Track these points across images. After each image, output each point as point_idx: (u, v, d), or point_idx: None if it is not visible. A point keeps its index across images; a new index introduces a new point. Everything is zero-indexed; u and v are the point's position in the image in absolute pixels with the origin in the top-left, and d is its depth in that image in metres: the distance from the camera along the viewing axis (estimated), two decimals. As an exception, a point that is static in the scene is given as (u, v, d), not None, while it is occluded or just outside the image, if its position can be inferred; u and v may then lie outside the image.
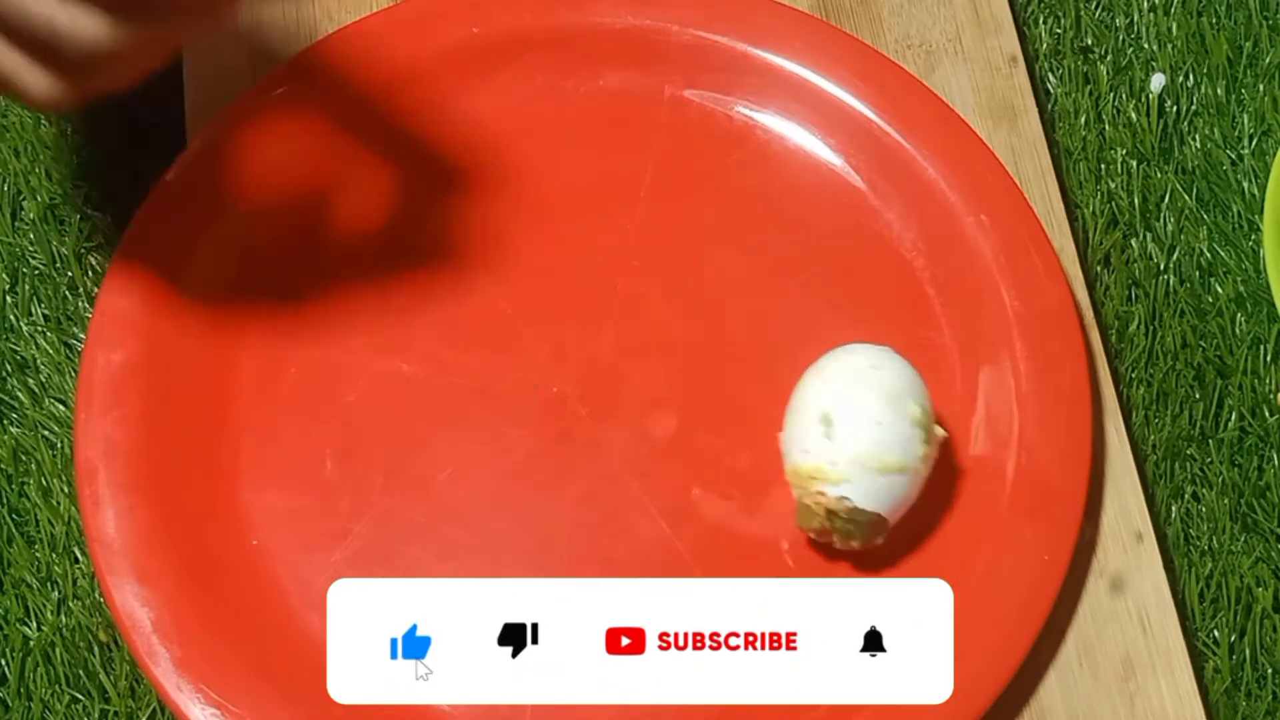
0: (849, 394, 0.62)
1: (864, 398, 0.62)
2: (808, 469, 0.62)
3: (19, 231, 0.72)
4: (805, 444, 0.62)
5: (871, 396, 0.62)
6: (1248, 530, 0.69)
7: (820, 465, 0.61)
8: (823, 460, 0.61)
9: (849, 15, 0.76)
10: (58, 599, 0.67)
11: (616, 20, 0.73)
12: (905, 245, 0.71)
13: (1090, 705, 0.65)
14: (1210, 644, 0.67)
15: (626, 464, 0.67)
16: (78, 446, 0.65)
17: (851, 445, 0.61)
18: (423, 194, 0.71)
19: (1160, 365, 0.71)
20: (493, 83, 0.73)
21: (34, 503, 0.68)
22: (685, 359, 0.68)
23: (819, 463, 0.61)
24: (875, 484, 0.62)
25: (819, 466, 0.61)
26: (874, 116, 0.72)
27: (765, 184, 0.72)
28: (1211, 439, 0.70)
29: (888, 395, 0.62)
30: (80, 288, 0.71)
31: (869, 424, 0.62)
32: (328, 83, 0.71)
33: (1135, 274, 0.73)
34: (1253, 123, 0.76)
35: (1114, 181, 0.75)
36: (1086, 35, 0.77)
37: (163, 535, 0.64)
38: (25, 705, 0.65)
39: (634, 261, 0.71)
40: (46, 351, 0.70)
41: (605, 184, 0.72)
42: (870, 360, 0.63)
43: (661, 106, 0.73)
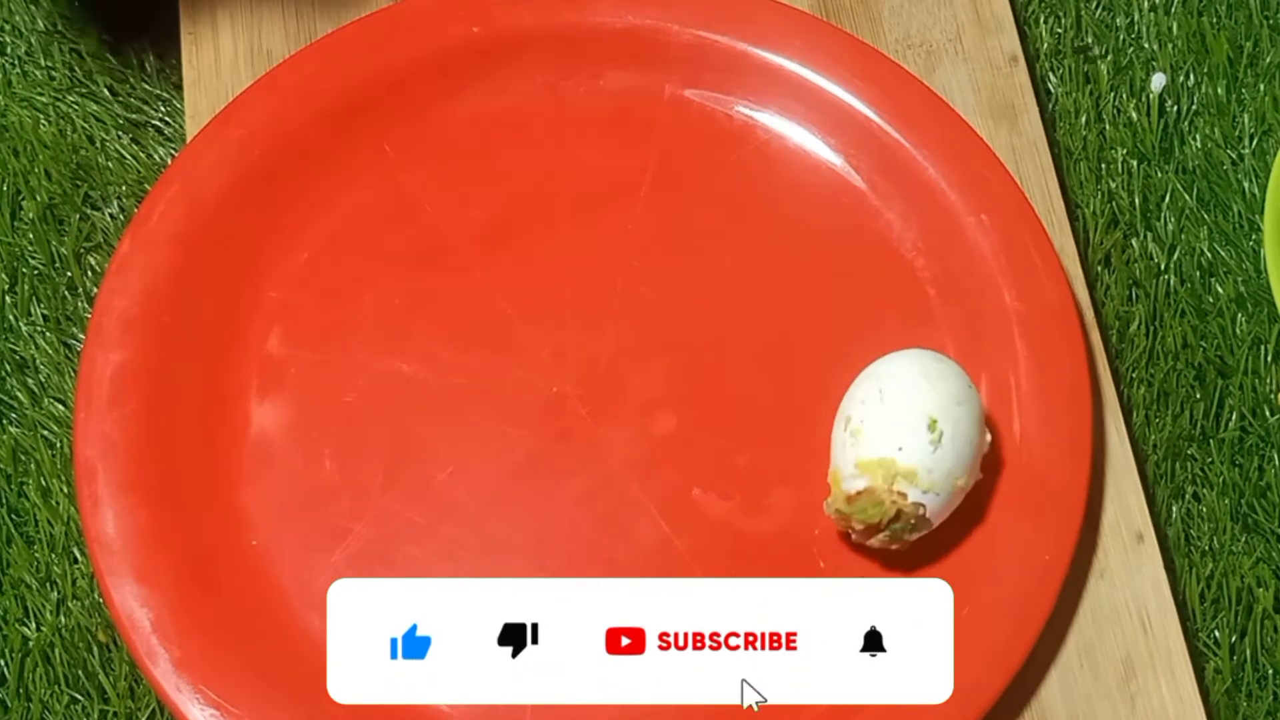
0: (953, 410, 0.63)
1: (966, 416, 0.63)
2: (903, 468, 0.62)
3: (18, 231, 0.72)
4: (904, 442, 0.62)
5: (971, 417, 0.63)
6: (1248, 530, 0.69)
7: (915, 469, 0.62)
8: (919, 464, 0.62)
9: (849, 15, 0.76)
10: (57, 599, 0.67)
11: (616, 20, 0.73)
12: (905, 245, 0.71)
13: (1090, 705, 0.64)
14: (1211, 644, 0.67)
15: (626, 464, 0.67)
16: (77, 446, 0.65)
17: (951, 460, 0.62)
18: (423, 194, 0.71)
19: (1161, 365, 0.71)
20: (493, 83, 0.73)
21: (33, 503, 0.68)
22: (685, 359, 0.68)
23: (915, 466, 0.62)
24: (949, 499, 0.63)
25: (914, 470, 0.62)
26: (874, 116, 0.72)
27: (765, 184, 0.72)
28: (1212, 439, 0.70)
29: (979, 419, 0.64)
30: (80, 288, 0.71)
31: (966, 443, 0.63)
32: (328, 83, 0.71)
33: (1136, 274, 0.73)
34: (1253, 122, 0.76)
35: (1114, 181, 0.75)
36: (1087, 35, 0.77)
37: (163, 535, 0.64)
38: (25, 705, 0.65)
39: (634, 261, 0.70)
40: (46, 351, 0.70)
41: (605, 184, 0.72)
42: (967, 380, 0.64)
43: (661, 106, 0.73)
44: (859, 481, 0.62)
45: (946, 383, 0.63)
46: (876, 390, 0.63)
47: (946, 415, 0.63)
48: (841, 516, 0.63)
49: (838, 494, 0.63)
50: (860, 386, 0.64)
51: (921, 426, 0.62)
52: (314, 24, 0.75)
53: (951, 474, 0.63)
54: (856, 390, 0.64)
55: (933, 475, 0.62)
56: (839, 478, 0.63)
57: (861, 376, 0.65)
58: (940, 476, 0.62)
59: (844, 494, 0.63)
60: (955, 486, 0.63)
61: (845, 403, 0.64)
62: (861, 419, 0.63)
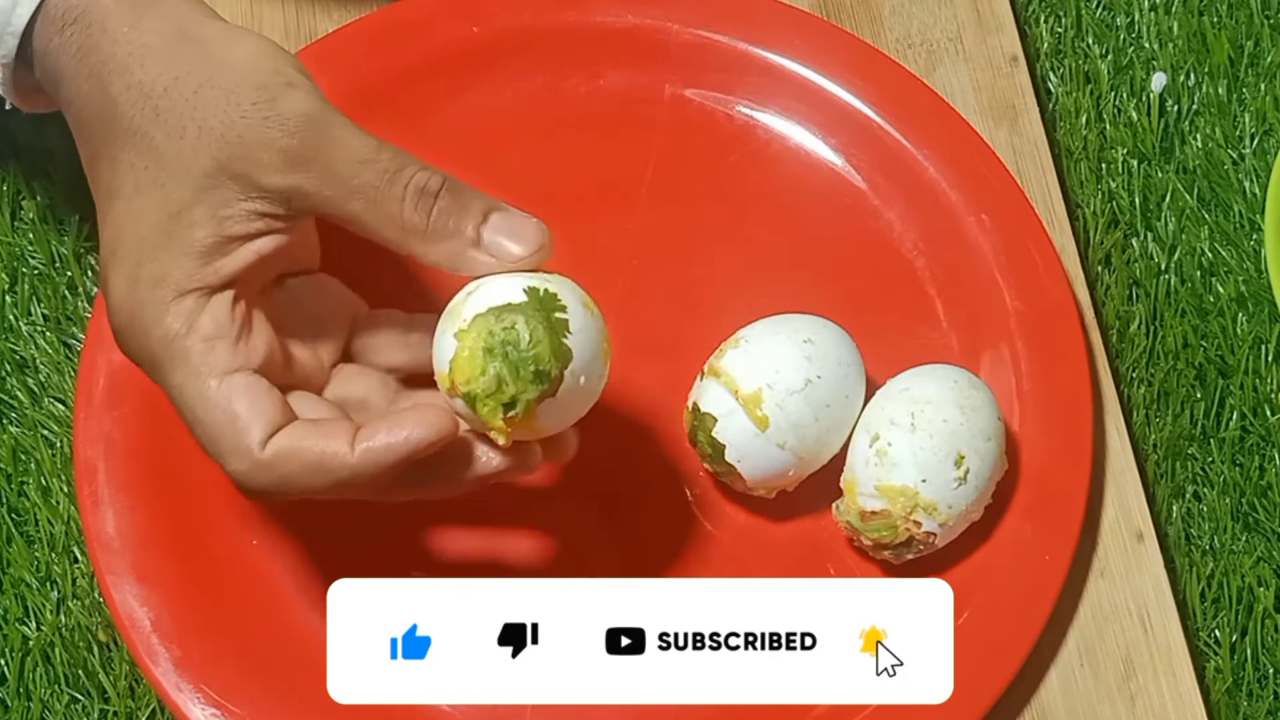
0: (981, 446, 0.63)
1: (992, 452, 0.63)
2: (924, 500, 0.62)
3: (19, 231, 0.72)
4: (929, 475, 0.62)
5: (997, 452, 0.63)
6: (1249, 530, 0.69)
7: (936, 503, 0.62)
8: (940, 499, 0.62)
9: (849, 14, 0.76)
10: (57, 599, 0.67)
11: (616, 20, 0.73)
12: (906, 245, 0.71)
13: (1091, 705, 0.64)
14: (1211, 644, 0.67)
15: (627, 464, 0.67)
16: (77, 446, 0.65)
17: (972, 496, 0.63)
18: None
19: (1161, 365, 0.71)
20: (493, 83, 0.73)
21: (33, 502, 0.68)
22: (685, 359, 0.68)
23: (936, 500, 0.62)
24: (960, 527, 0.63)
25: (934, 503, 0.62)
26: (875, 116, 0.72)
27: (765, 184, 0.72)
28: (1213, 438, 0.70)
29: (1003, 452, 0.64)
30: (80, 288, 0.71)
31: (987, 480, 0.63)
32: (328, 82, 0.71)
33: (1136, 274, 0.73)
34: (1254, 122, 0.75)
35: (1115, 181, 0.75)
36: (1087, 34, 0.77)
37: (163, 535, 0.65)
38: (25, 705, 0.65)
39: (634, 261, 0.70)
40: (46, 351, 0.70)
41: (605, 184, 0.72)
42: (998, 410, 0.64)
43: (661, 106, 0.73)
44: (876, 502, 0.62)
45: (979, 416, 0.63)
46: (909, 414, 0.63)
47: (975, 452, 0.62)
48: (851, 529, 0.63)
49: (851, 505, 0.63)
50: (891, 402, 0.64)
51: (949, 463, 0.62)
52: (314, 24, 0.75)
53: (969, 509, 0.63)
54: (887, 405, 0.64)
55: (952, 510, 0.62)
56: (855, 489, 0.63)
57: (894, 390, 0.64)
58: (959, 511, 0.62)
59: (859, 508, 0.63)
60: (970, 519, 0.63)
61: (873, 413, 0.64)
62: (889, 441, 0.63)
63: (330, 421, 0.55)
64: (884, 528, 0.62)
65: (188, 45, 0.55)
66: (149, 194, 0.55)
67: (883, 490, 0.62)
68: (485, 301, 0.55)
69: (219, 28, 0.57)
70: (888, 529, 0.62)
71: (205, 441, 0.55)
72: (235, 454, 0.54)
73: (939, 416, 0.63)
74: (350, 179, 0.54)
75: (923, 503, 0.62)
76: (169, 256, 0.54)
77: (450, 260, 0.56)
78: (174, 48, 0.55)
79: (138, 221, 0.55)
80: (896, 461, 0.62)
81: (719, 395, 0.63)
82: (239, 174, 0.54)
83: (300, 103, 0.55)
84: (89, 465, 0.65)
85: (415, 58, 0.72)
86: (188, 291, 0.54)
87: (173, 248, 0.54)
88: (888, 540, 0.62)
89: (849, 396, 0.64)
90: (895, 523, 0.62)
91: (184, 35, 0.56)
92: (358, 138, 0.55)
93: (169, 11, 0.56)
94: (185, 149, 0.54)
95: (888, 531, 0.62)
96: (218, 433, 0.54)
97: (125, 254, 0.55)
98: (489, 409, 0.54)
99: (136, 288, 0.55)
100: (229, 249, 0.55)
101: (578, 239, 0.70)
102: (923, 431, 0.62)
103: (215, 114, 0.54)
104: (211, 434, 0.54)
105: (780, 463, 0.63)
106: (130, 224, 0.55)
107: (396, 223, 0.55)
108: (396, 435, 0.54)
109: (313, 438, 0.54)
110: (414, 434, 0.54)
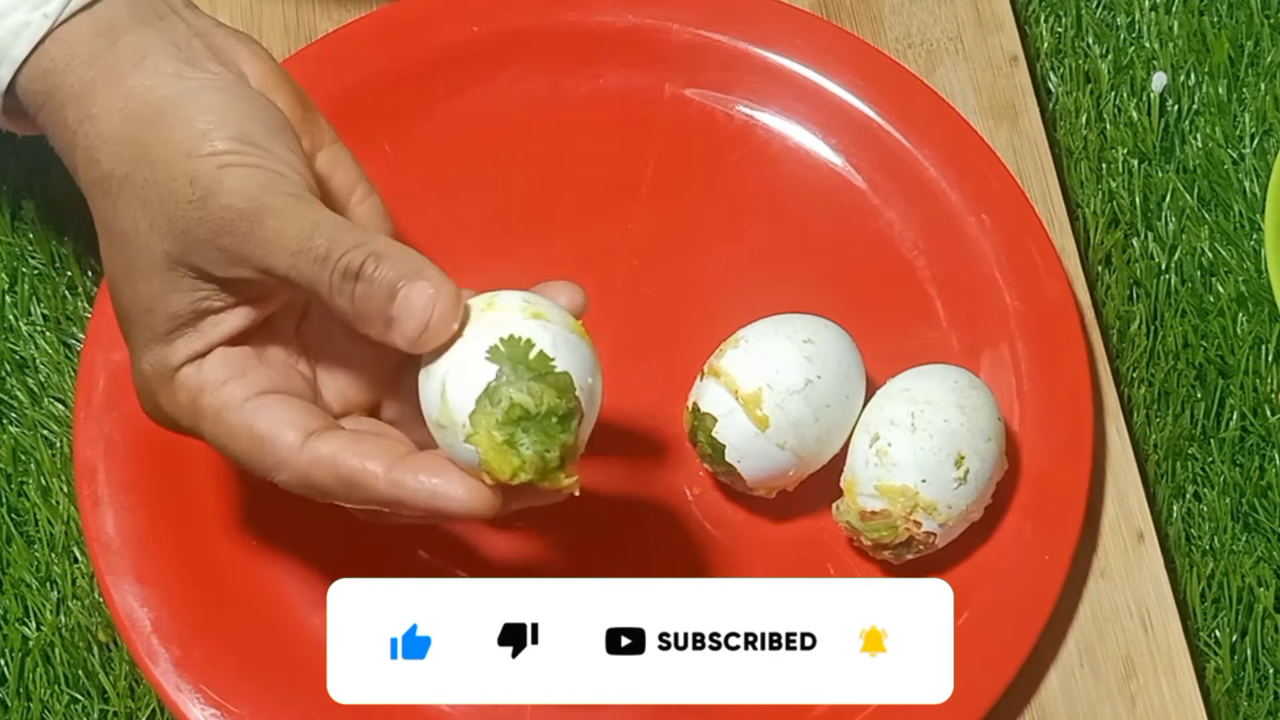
0: (982, 446, 0.63)
1: (993, 453, 0.63)
2: (924, 500, 0.62)
3: (19, 231, 0.72)
4: (929, 475, 0.62)
5: (997, 452, 0.63)
6: (1249, 530, 0.69)
7: (936, 503, 0.62)
8: (940, 500, 0.62)
9: (849, 14, 0.76)
10: (57, 599, 0.67)
11: (616, 20, 0.73)
12: (906, 245, 0.71)
13: (1091, 705, 0.64)
14: (1211, 644, 0.67)
15: (627, 464, 0.67)
16: (77, 446, 0.65)
17: (972, 496, 0.63)
18: (422, 194, 0.71)
19: (1161, 365, 0.71)
20: (493, 83, 0.73)
21: (33, 502, 0.68)
22: (685, 359, 0.68)
23: (936, 500, 0.62)
24: (961, 527, 0.63)
25: (934, 503, 0.62)
26: (875, 115, 0.72)
27: (765, 183, 0.72)
28: (1213, 438, 0.70)
29: (1003, 452, 0.64)
30: (80, 288, 0.71)
31: (986, 480, 0.63)
32: (328, 82, 0.71)
33: (1136, 273, 0.73)
34: (1254, 122, 0.75)
35: (1115, 181, 0.75)
36: (1087, 34, 0.77)
37: (163, 535, 0.65)
38: (25, 705, 0.65)
39: (634, 261, 0.70)
40: (46, 351, 0.70)
41: (605, 184, 0.72)
42: (998, 411, 0.64)
43: (661, 106, 0.73)
44: (876, 502, 0.62)
45: (979, 416, 0.63)
46: (909, 414, 0.63)
47: (975, 452, 0.62)
48: (851, 529, 0.63)
49: (851, 504, 0.63)
50: (891, 402, 0.64)
51: (949, 463, 0.62)
52: (314, 24, 0.75)
53: (969, 509, 0.63)
54: (887, 405, 0.64)
55: (952, 510, 0.62)
56: (855, 489, 0.63)
57: (893, 390, 0.64)
58: (958, 511, 0.62)
59: (859, 509, 0.63)
60: (970, 519, 0.63)
61: (872, 413, 0.64)
62: (889, 441, 0.63)
63: (372, 438, 0.55)
64: (884, 528, 0.62)
65: (133, 131, 0.54)
66: (125, 284, 0.55)
67: (883, 490, 0.62)
68: (463, 388, 0.53)
69: (168, 90, 0.55)
70: (888, 529, 0.62)
71: (247, 466, 0.55)
72: (279, 467, 0.54)
73: (939, 416, 0.63)
74: (288, 271, 0.53)
75: (923, 503, 0.62)
76: (157, 345, 0.55)
77: (384, 341, 0.54)
78: (120, 140, 0.55)
79: (124, 308, 0.56)
80: (896, 461, 0.62)
81: (719, 395, 0.63)
82: (194, 265, 0.54)
83: (231, 194, 0.53)
84: (89, 465, 0.65)
85: (415, 58, 0.72)
86: (184, 364, 0.55)
87: (157, 336, 0.55)
88: (888, 540, 0.62)
89: (849, 396, 0.64)
90: (895, 523, 0.62)
91: (130, 118, 0.55)
92: (292, 223, 0.53)
93: (119, 90, 0.55)
94: (143, 245, 0.54)
95: (888, 531, 0.62)
96: (249, 456, 0.55)
97: (127, 336, 0.56)
98: (552, 479, 0.53)
99: (141, 368, 0.56)
100: (212, 319, 0.55)
101: (578, 239, 0.71)
102: (923, 432, 0.62)
103: (161, 211, 0.54)
104: (250, 457, 0.55)
105: (780, 463, 0.63)
106: (119, 309, 0.56)
107: (336, 309, 0.54)
108: (432, 487, 0.53)
109: (349, 452, 0.54)
110: (454, 498, 0.53)
